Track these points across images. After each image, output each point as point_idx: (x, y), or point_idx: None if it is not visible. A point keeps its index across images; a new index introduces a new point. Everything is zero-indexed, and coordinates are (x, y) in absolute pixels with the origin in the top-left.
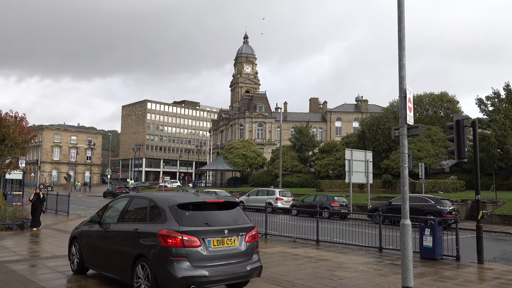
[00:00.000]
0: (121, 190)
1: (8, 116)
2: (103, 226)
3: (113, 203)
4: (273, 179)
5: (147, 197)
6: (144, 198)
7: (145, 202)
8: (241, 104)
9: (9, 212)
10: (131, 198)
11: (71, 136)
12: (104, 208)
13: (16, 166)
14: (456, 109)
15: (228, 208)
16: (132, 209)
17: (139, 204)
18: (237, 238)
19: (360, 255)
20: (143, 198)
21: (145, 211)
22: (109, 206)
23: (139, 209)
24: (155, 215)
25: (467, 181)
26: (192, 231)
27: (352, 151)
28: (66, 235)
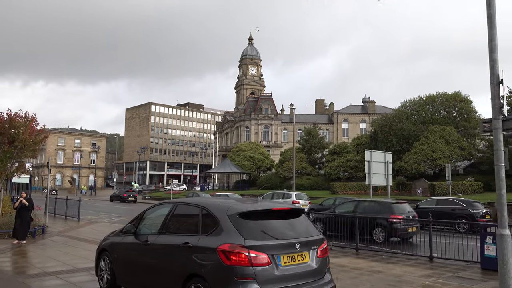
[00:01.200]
0: (128, 194)
1: (18, 116)
2: (140, 237)
3: (151, 211)
4: (282, 182)
5: (197, 204)
6: (193, 205)
7: (194, 209)
8: (246, 106)
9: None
10: (175, 205)
11: (75, 139)
12: (140, 216)
13: (26, 170)
14: (470, 109)
15: (294, 217)
16: (178, 218)
17: (186, 212)
18: (309, 253)
19: (412, 265)
20: (192, 205)
21: (196, 221)
22: (145, 214)
23: (187, 218)
24: (210, 226)
25: (485, 182)
26: (260, 246)
27: (371, 152)
28: (82, 244)
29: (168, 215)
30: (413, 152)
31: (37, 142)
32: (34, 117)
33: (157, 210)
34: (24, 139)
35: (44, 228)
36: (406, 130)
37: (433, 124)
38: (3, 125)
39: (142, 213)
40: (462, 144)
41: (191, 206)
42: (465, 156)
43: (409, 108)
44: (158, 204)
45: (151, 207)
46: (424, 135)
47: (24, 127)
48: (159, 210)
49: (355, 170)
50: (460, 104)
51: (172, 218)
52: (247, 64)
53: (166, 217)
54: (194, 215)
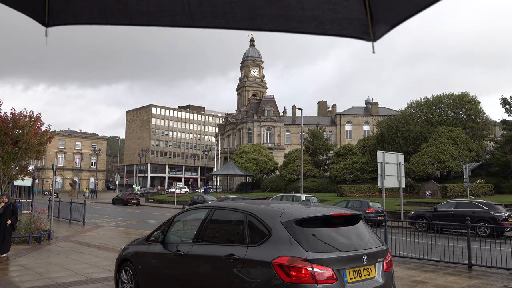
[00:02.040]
0: (131, 197)
1: (22, 116)
2: (169, 247)
3: (181, 217)
4: (286, 184)
5: (241, 209)
6: (236, 210)
7: (237, 215)
8: (248, 108)
9: (24, 222)
10: (211, 210)
11: (75, 141)
12: (169, 223)
13: (30, 172)
14: (478, 110)
15: (353, 223)
16: (216, 225)
17: (227, 219)
18: (375, 267)
19: (452, 273)
20: (235, 210)
21: (241, 229)
22: (175, 220)
23: (228, 225)
24: (260, 235)
25: (495, 184)
26: (324, 260)
27: (384, 153)
28: (92, 250)
29: (204, 221)
30: (421, 153)
31: (42, 143)
32: (39, 117)
33: (189, 216)
34: (28, 140)
35: (50, 233)
36: (413, 131)
37: (440, 125)
38: (6, 125)
39: (171, 219)
40: (470, 146)
41: (234, 211)
42: (474, 158)
43: (415, 109)
44: (189, 209)
45: (181, 212)
46: (431, 137)
47: (28, 127)
48: (192, 216)
49: (361, 172)
50: (467, 105)
51: (209, 225)
52: (249, 66)
53: (202, 224)
54: (237, 222)
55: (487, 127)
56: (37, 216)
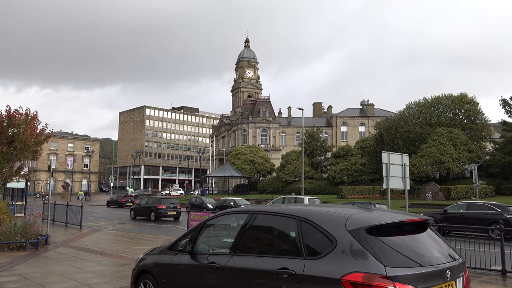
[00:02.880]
0: (126, 199)
1: (18, 113)
2: (199, 258)
3: (213, 223)
4: (283, 186)
5: (292, 214)
6: (286, 215)
7: (287, 221)
8: (244, 109)
9: (19, 226)
10: (251, 215)
11: (67, 143)
12: (197, 229)
13: (25, 174)
14: (477, 111)
15: (423, 230)
16: (260, 233)
17: (274, 225)
18: (455, 284)
19: (487, 281)
20: (283, 215)
21: (293, 237)
22: (206, 226)
23: (276, 233)
24: (320, 245)
25: (496, 186)
26: (407, 277)
27: (389, 154)
28: (94, 256)
29: (243, 229)
30: (420, 155)
31: (38, 142)
32: (36, 115)
33: (223, 222)
34: (24, 139)
35: (47, 238)
36: (413, 132)
37: (439, 126)
38: (1, 123)
39: (200, 226)
40: (470, 147)
41: (282, 216)
42: (473, 159)
43: (413, 110)
44: (223, 214)
45: (213, 217)
46: (431, 138)
47: (24, 125)
48: (226, 222)
49: (360, 173)
50: (466, 106)
51: (251, 233)
52: (244, 67)
53: (241, 231)
54: (288, 229)
55: (486, 128)
56: (33, 220)
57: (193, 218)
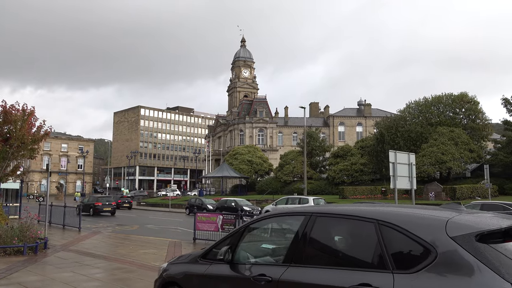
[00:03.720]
0: (122, 200)
1: (14, 109)
2: (242, 269)
3: (258, 226)
4: (282, 186)
5: (367, 216)
6: (358, 218)
7: (362, 225)
8: (240, 109)
9: (16, 229)
10: (311, 218)
11: (61, 143)
12: (238, 234)
13: (22, 173)
14: (477, 110)
15: None
16: (324, 239)
17: (343, 230)
18: None
19: None
20: (355, 218)
21: (372, 245)
22: (248, 231)
23: (346, 240)
24: (412, 256)
25: (498, 185)
26: None
27: (396, 153)
28: (98, 262)
29: (300, 234)
30: (422, 154)
31: (36, 140)
32: (33, 111)
33: (270, 226)
34: (21, 136)
35: (46, 242)
36: (414, 131)
37: (440, 126)
38: None
39: (241, 230)
40: (471, 146)
41: (353, 219)
42: (475, 159)
43: (414, 109)
44: (269, 216)
45: (257, 220)
46: (432, 137)
47: (21, 122)
48: (274, 225)
49: (360, 173)
50: (467, 105)
51: (312, 239)
52: (240, 66)
53: (297, 237)
54: (363, 235)
55: (487, 127)
56: (30, 222)
57: (201, 219)
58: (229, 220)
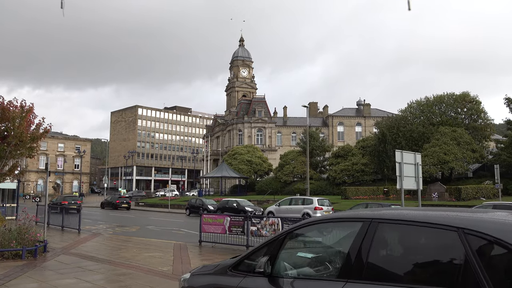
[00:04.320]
0: (121, 201)
1: (12, 105)
2: (284, 284)
3: (301, 232)
4: (282, 187)
5: (446, 223)
6: (435, 226)
7: (440, 234)
8: (239, 108)
9: (14, 231)
10: (370, 224)
11: (58, 143)
12: (277, 242)
13: (21, 172)
14: (479, 110)
15: None
16: (390, 251)
17: (414, 240)
18: None
19: None
20: (430, 225)
21: (455, 260)
22: (290, 238)
23: (420, 252)
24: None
25: (502, 185)
26: None
27: (402, 153)
28: (103, 267)
29: (358, 244)
30: (424, 154)
31: (35, 137)
32: (32, 108)
33: (318, 233)
34: (19, 134)
35: (46, 245)
36: (415, 131)
37: (442, 126)
38: None
39: (281, 237)
40: (473, 146)
41: (426, 226)
42: (477, 159)
43: (415, 109)
44: (315, 222)
45: (300, 226)
46: (434, 137)
47: (19, 119)
48: (325, 233)
49: (361, 173)
50: (469, 105)
51: (373, 251)
52: (239, 66)
53: (355, 248)
54: (441, 246)
55: (489, 127)
56: (28, 224)
57: (207, 221)
58: (237, 222)
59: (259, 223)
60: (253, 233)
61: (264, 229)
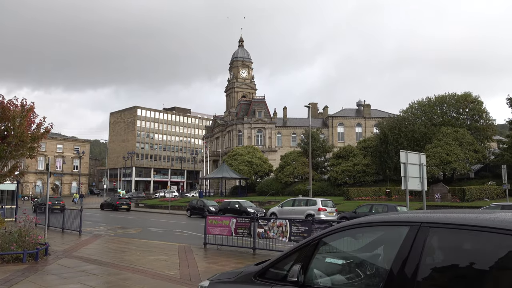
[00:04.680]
0: (121, 202)
1: (12, 104)
2: None
3: (336, 237)
4: (283, 187)
5: (504, 227)
6: (501, 231)
7: (507, 240)
8: (238, 109)
9: (14, 234)
10: (419, 229)
11: (57, 144)
12: (310, 249)
13: (21, 173)
14: (481, 110)
15: None
16: (447, 261)
17: (478, 249)
18: None
19: None
20: (495, 231)
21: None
22: (323, 244)
23: (480, 261)
24: None
25: None
26: None
27: (407, 153)
28: (108, 271)
29: (405, 252)
30: (426, 155)
31: (36, 137)
32: (33, 107)
33: (356, 238)
34: (20, 134)
35: (47, 248)
36: (417, 132)
37: (444, 126)
38: None
39: (314, 242)
40: (476, 147)
41: (488, 232)
42: (480, 159)
43: (417, 109)
44: (352, 226)
45: (334, 230)
46: (436, 137)
47: (20, 118)
48: (363, 238)
49: (363, 174)
50: (471, 105)
51: (426, 259)
52: (238, 66)
53: (401, 256)
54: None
55: (491, 128)
56: (29, 226)
57: (212, 223)
58: (243, 223)
59: (266, 225)
60: (260, 235)
61: (271, 231)
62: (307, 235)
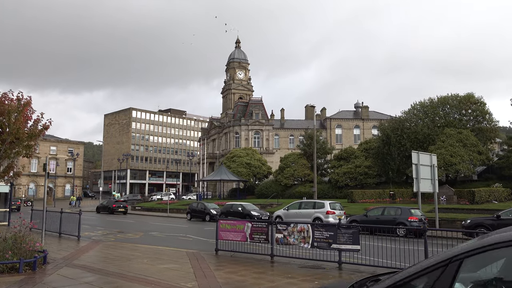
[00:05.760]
0: (117, 205)
1: (7, 98)
2: None
3: (486, 258)
4: (283, 190)
5: None
6: None
7: None
8: (235, 111)
9: (9, 240)
10: None
11: (50, 146)
12: (448, 272)
13: (17, 173)
14: (485, 111)
15: None
16: None
17: None
18: None
19: None
20: None
21: None
22: (466, 265)
23: None
24: None
25: (510, 188)
26: None
27: (419, 154)
28: (115, 282)
29: None
30: None
31: (33, 134)
32: (30, 101)
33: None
34: (16, 130)
35: (46, 256)
36: (420, 133)
37: (448, 127)
38: None
39: (452, 262)
40: (479, 148)
41: None
42: (483, 161)
43: (418, 110)
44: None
45: (482, 248)
46: (439, 139)
47: (16, 113)
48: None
49: (365, 176)
50: (473, 106)
51: None
52: (235, 68)
53: None
54: None
55: (494, 129)
56: (24, 232)
57: (225, 227)
58: (260, 228)
59: (285, 230)
60: (278, 241)
61: (291, 237)
62: (332, 241)
